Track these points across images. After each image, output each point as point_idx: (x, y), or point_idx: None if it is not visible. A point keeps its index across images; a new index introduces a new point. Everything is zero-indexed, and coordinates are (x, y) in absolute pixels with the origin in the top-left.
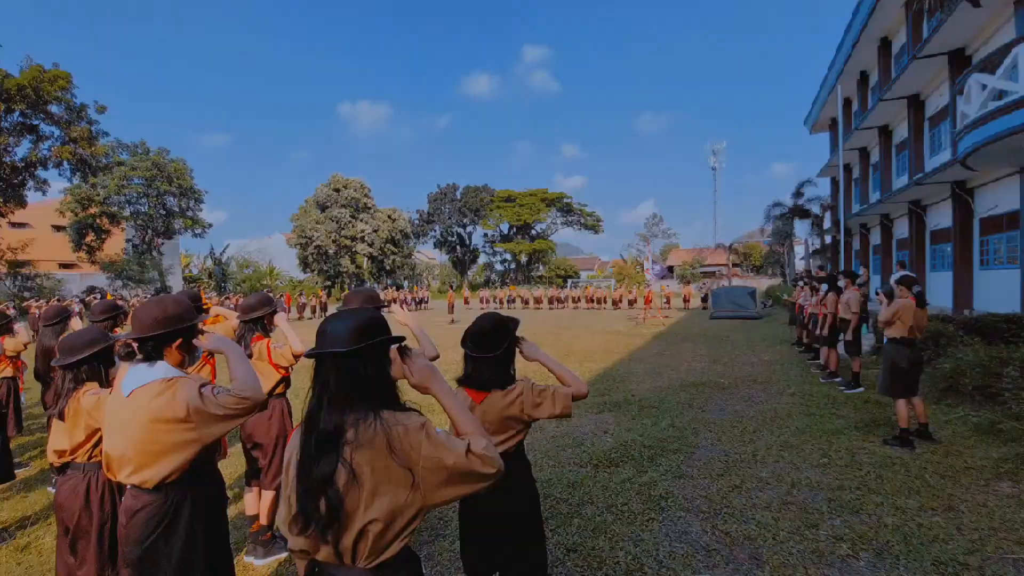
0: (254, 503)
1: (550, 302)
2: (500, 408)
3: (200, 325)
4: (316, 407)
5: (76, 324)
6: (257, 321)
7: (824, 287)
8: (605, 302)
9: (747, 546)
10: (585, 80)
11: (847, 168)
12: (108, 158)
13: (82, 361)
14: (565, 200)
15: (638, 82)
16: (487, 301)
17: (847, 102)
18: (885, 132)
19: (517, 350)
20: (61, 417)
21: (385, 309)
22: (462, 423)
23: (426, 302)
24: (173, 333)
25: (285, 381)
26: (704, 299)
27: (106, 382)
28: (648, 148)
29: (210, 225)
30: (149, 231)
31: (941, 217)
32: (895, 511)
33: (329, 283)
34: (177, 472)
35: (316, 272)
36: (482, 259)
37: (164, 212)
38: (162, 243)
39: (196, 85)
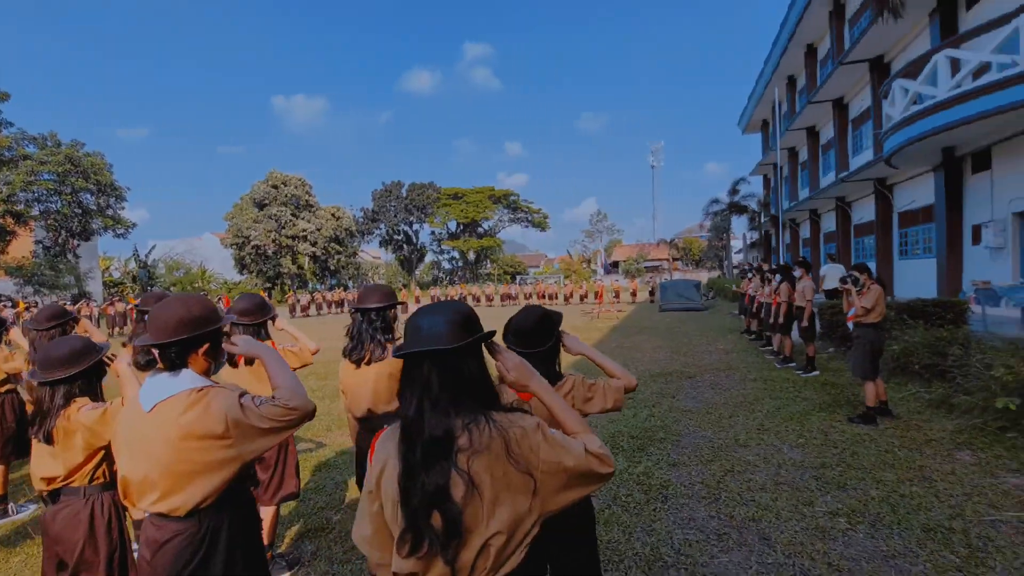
0: None
1: (502, 299)
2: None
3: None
4: (416, 412)
5: (16, 334)
6: (257, 326)
7: (778, 277)
8: (556, 298)
9: (753, 528)
10: (527, 79)
11: (780, 167)
12: (12, 151)
13: (77, 376)
14: (512, 197)
15: (579, 82)
16: (438, 300)
17: (777, 105)
18: (812, 133)
19: (561, 345)
20: (49, 440)
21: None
22: (571, 422)
23: None
24: (200, 337)
25: None
26: (651, 293)
27: (99, 395)
28: (590, 147)
29: (133, 225)
30: (63, 232)
31: (864, 212)
32: (877, 484)
33: (269, 285)
34: (213, 496)
35: (255, 273)
36: (429, 257)
37: (80, 211)
38: (78, 245)
39: (110, 74)
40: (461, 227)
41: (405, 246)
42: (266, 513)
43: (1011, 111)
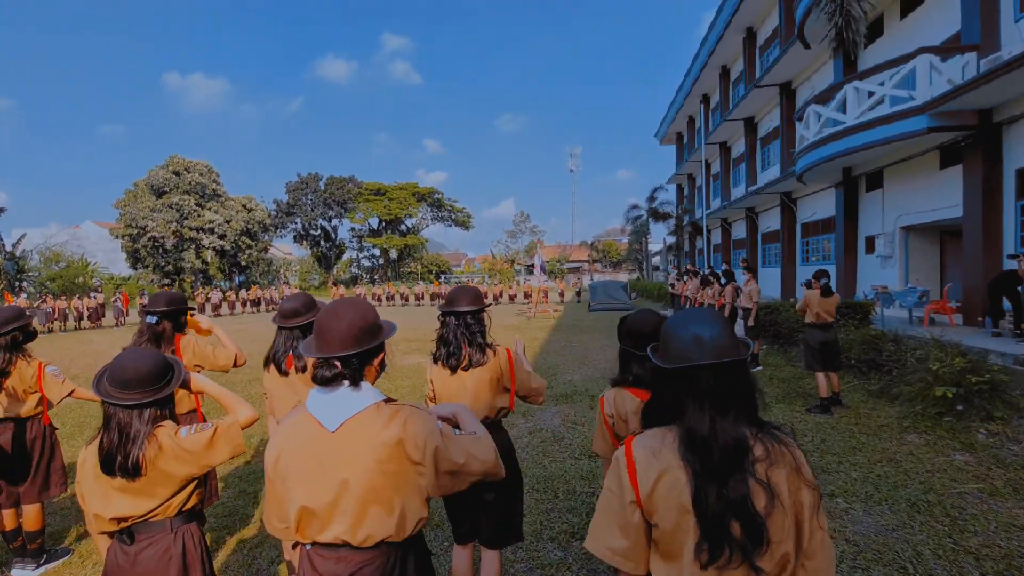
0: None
1: (431, 298)
2: None
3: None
4: (709, 422)
5: None
6: (304, 328)
7: (723, 280)
8: (486, 297)
9: None
10: (447, 75)
11: (692, 177)
12: None
13: (168, 399)
14: (436, 195)
15: (499, 82)
16: (365, 298)
17: (691, 120)
18: (725, 148)
19: None
20: (137, 471)
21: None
22: None
23: None
24: (380, 346)
25: None
26: (577, 293)
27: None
28: (508, 149)
29: (2, 210)
30: None
31: (771, 221)
32: (853, 467)
33: (167, 281)
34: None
35: (151, 268)
36: (348, 254)
37: None
38: None
39: None
40: (384, 224)
41: (323, 242)
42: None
43: (907, 139)
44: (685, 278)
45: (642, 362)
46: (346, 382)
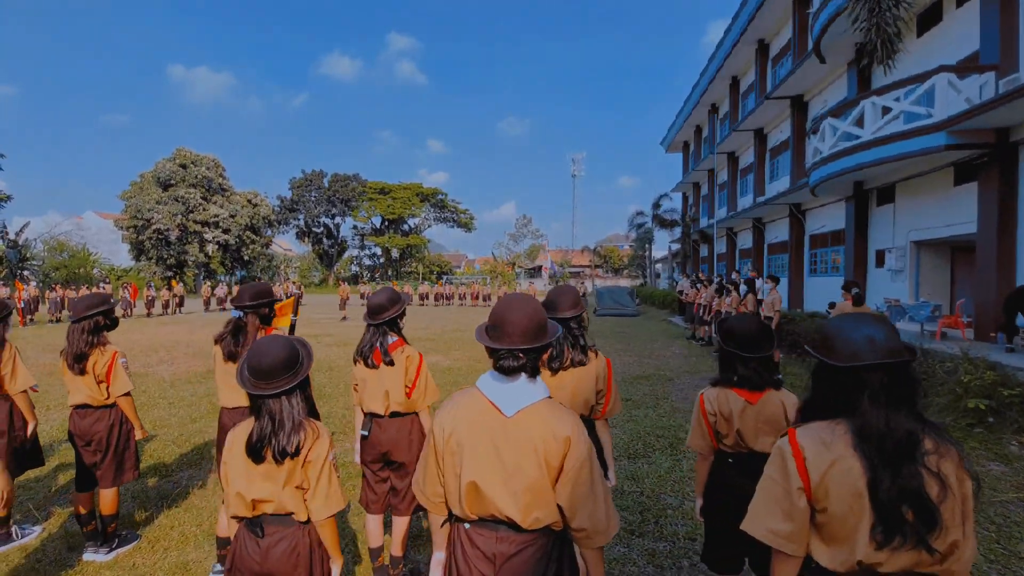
0: (378, 532)
1: (435, 299)
2: (774, 408)
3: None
4: (883, 417)
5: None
6: (391, 323)
7: (743, 289)
8: (490, 299)
9: None
10: (453, 77)
11: (697, 186)
12: None
13: (307, 380)
14: (439, 196)
15: (504, 85)
16: (368, 296)
17: (698, 129)
18: (732, 158)
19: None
20: (297, 452)
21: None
22: None
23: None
24: (549, 343)
25: None
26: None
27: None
28: (511, 152)
29: (8, 197)
30: None
31: (778, 232)
32: None
33: (170, 273)
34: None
35: (153, 260)
36: (350, 252)
37: None
38: None
39: None
40: (386, 223)
41: (325, 239)
42: (400, 524)
43: (923, 155)
44: (698, 286)
45: (747, 363)
46: (524, 373)
